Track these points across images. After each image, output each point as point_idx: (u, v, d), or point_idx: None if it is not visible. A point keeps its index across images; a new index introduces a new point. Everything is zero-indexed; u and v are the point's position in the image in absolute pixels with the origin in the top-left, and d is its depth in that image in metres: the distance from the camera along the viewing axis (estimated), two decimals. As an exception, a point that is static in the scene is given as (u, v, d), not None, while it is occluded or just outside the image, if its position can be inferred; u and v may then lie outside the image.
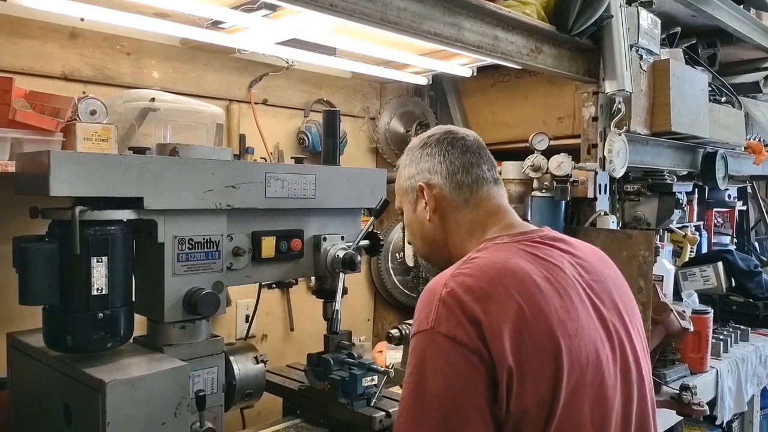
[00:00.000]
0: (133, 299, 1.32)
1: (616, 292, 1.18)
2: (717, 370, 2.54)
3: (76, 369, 1.20)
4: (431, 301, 1.01)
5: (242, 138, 2.26)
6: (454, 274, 1.04)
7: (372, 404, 1.54)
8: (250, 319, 2.18)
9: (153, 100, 1.72)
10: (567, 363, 0.99)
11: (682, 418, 2.36)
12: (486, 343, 0.95)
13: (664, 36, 2.63)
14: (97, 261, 1.20)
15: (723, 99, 3.03)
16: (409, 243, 1.35)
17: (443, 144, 1.24)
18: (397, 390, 1.76)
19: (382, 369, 1.56)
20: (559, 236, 1.20)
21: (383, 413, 1.50)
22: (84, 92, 1.80)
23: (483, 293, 0.99)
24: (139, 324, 1.34)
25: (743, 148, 3.17)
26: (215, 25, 1.89)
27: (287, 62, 2.33)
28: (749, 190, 3.95)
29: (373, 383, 1.55)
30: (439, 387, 0.96)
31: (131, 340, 1.33)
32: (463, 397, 0.95)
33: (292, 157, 1.78)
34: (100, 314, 1.21)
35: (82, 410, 1.19)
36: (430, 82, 2.74)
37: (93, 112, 1.59)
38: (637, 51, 2.33)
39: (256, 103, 2.32)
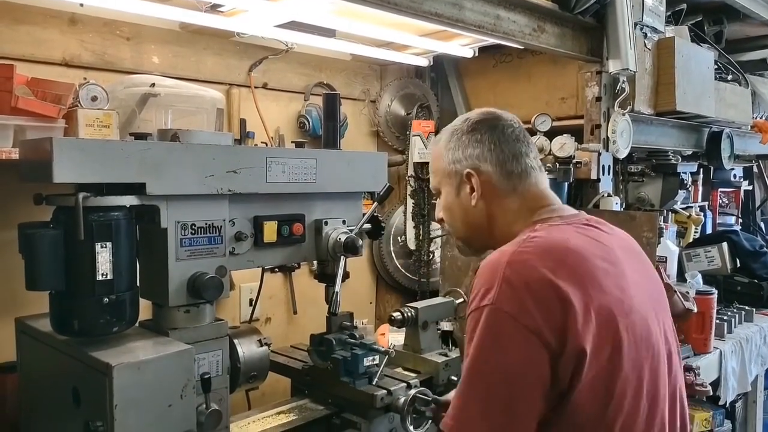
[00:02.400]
0: (138, 284, 1.33)
1: (649, 271, 1.23)
2: (720, 351, 2.54)
3: (83, 353, 1.21)
4: (493, 278, 1.02)
5: (243, 122, 2.26)
6: (516, 252, 1.05)
7: (374, 383, 1.57)
8: (253, 302, 2.20)
9: (153, 85, 1.72)
10: (625, 339, 1.02)
11: (685, 397, 2.38)
12: (550, 325, 0.97)
13: (669, 13, 2.59)
14: (102, 246, 1.21)
15: (729, 77, 3.00)
16: (440, 222, 1.35)
17: (495, 132, 1.23)
18: (398, 370, 1.78)
19: (383, 349, 1.58)
20: (599, 220, 1.23)
21: (384, 391, 1.52)
22: (85, 78, 1.79)
23: (549, 271, 1.01)
24: (145, 308, 1.35)
25: (749, 126, 3.14)
26: (214, 8, 1.88)
27: (287, 45, 2.31)
28: (755, 169, 3.92)
29: (375, 363, 1.57)
30: (499, 363, 0.98)
31: (137, 324, 1.35)
32: (522, 375, 0.97)
33: (292, 142, 1.78)
34: (106, 299, 1.22)
35: (90, 393, 1.21)
36: (431, 64, 2.72)
37: (94, 99, 1.59)
38: (641, 29, 2.30)
39: (256, 87, 2.31)
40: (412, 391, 1.52)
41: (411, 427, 1.50)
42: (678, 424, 1.17)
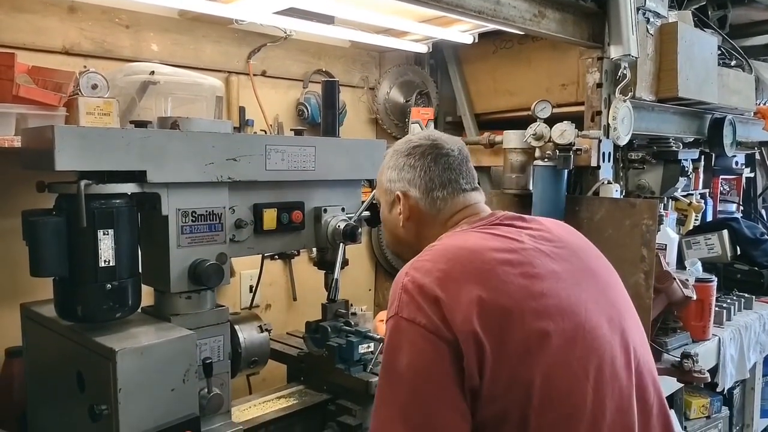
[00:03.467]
0: (140, 270, 1.35)
1: (584, 255, 1.23)
2: (719, 338, 2.55)
3: (87, 338, 1.24)
4: (396, 290, 1.08)
5: (242, 110, 2.26)
6: (413, 262, 1.11)
7: (368, 370, 1.59)
8: (253, 289, 2.22)
9: (153, 73, 1.72)
10: (536, 323, 1.04)
11: (682, 385, 2.40)
12: (446, 320, 1.01)
13: (672, -3, 2.57)
14: (104, 234, 1.23)
15: (733, 62, 2.97)
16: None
17: (426, 158, 1.27)
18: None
19: (378, 337, 1.60)
20: (516, 215, 1.25)
21: (379, 378, 1.54)
22: (85, 66, 1.80)
23: (441, 273, 1.05)
24: (146, 294, 1.37)
25: (753, 113, 3.12)
26: (213, -5, 1.87)
27: (285, 32, 2.31)
28: (758, 156, 3.90)
29: (369, 350, 1.59)
30: (404, 367, 1.02)
31: (139, 310, 1.37)
32: (428, 376, 1.01)
33: (291, 129, 1.78)
34: (108, 285, 1.24)
35: (95, 377, 1.24)
36: (430, 50, 2.70)
37: (94, 87, 1.60)
38: (644, 14, 2.28)
39: (254, 75, 2.31)
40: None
41: None
42: (650, 402, 1.16)
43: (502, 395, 1.01)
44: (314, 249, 1.71)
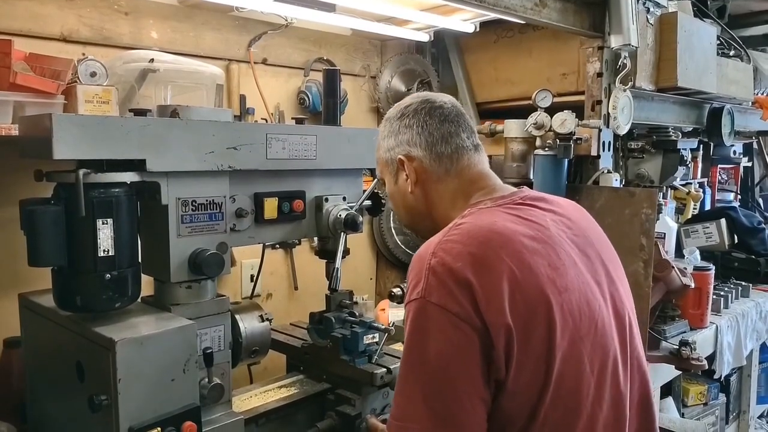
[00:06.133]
0: (140, 260, 1.34)
1: (597, 243, 1.21)
2: (717, 326, 2.57)
3: (86, 328, 1.23)
4: (421, 270, 1.03)
5: (242, 98, 2.24)
6: (441, 242, 1.05)
7: (373, 361, 1.58)
8: (254, 278, 2.22)
9: (152, 60, 1.71)
10: (559, 318, 1.02)
11: (680, 372, 2.41)
12: (478, 309, 0.97)
13: (672, -13, 2.55)
14: (103, 223, 1.22)
15: (731, 52, 2.96)
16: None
17: (421, 114, 1.23)
18: (398, 347, 1.80)
19: (383, 327, 1.60)
20: (539, 195, 1.22)
21: (384, 369, 1.54)
22: (83, 54, 1.78)
23: (473, 258, 1.01)
24: (146, 284, 1.37)
25: (751, 102, 3.12)
26: (212, -18, 1.86)
27: (286, 20, 2.29)
28: (755, 146, 3.91)
29: (374, 341, 1.58)
30: (432, 354, 0.99)
31: (139, 300, 1.36)
32: (456, 364, 0.98)
33: (292, 118, 1.77)
34: (108, 275, 1.23)
35: (94, 368, 1.23)
36: (432, 39, 2.69)
37: (93, 74, 1.58)
38: (644, 4, 2.27)
39: (255, 63, 2.29)
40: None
41: None
42: (636, 393, 1.18)
43: (522, 390, 1.00)
44: (315, 238, 1.70)
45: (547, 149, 2.15)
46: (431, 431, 0.97)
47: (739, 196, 3.83)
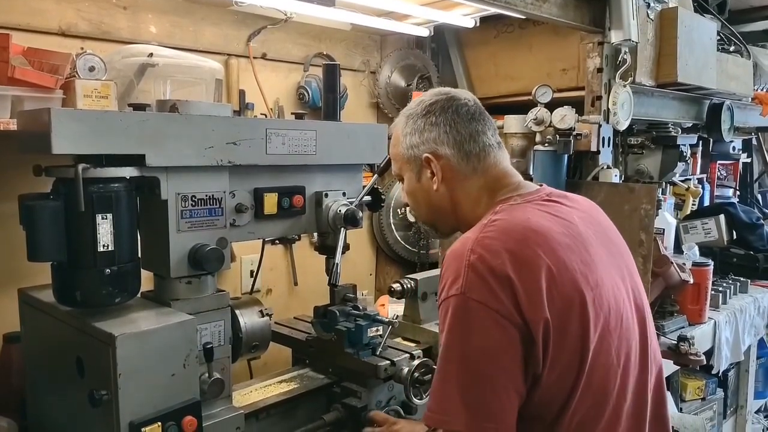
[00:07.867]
0: (140, 255, 1.34)
1: (616, 238, 1.24)
2: (715, 321, 2.58)
3: (86, 323, 1.23)
4: (459, 266, 1.03)
5: (242, 93, 2.24)
6: (478, 238, 1.06)
7: (377, 353, 1.59)
8: (254, 274, 2.22)
9: (151, 55, 1.70)
10: (592, 313, 1.04)
11: (679, 367, 2.42)
12: (519, 305, 0.99)
13: (673, -18, 2.55)
14: (102, 218, 1.21)
15: (731, 48, 2.96)
16: (407, 206, 1.36)
17: (447, 112, 1.22)
18: (398, 340, 1.81)
19: (387, 320, 1.60)
20: (561, 193, 1.23)
21: (388, 362, 1.55)
22: (82, 48, 1.77)
23: (512, 256, 1.02)
24: (146, 279, 1.36)
25: (750, 98, 3.12)
26: (211, -24, 1.85)
27: (286, 14, 2.28)
28: (754, 142, 3.91)
29: (378, 333, 1.59)
30: (474, 350, 1.00)
31: (139, 295, 1.36)
32: (497, 360, 1.00)
33: (292, 113, 1.77)
34: (107, 270, 1.23)
35: (94, 363, 1.23)
36: (432, 34, 2.68)
37: (92, 69, 1.57)
38: (644, -1, 2.27)
39: (255, 58, 2.29)
40: (416, 362, 1.54)
41: (414, 397, 1.53)
42: (652, 382, 1.20)
43: (556, 384, 1.02)
44: (315, 234, 1.70)
45: (546, 145, 2.15)
46: (469, 424, 0.99)
47: (738, 192, 3.84)
